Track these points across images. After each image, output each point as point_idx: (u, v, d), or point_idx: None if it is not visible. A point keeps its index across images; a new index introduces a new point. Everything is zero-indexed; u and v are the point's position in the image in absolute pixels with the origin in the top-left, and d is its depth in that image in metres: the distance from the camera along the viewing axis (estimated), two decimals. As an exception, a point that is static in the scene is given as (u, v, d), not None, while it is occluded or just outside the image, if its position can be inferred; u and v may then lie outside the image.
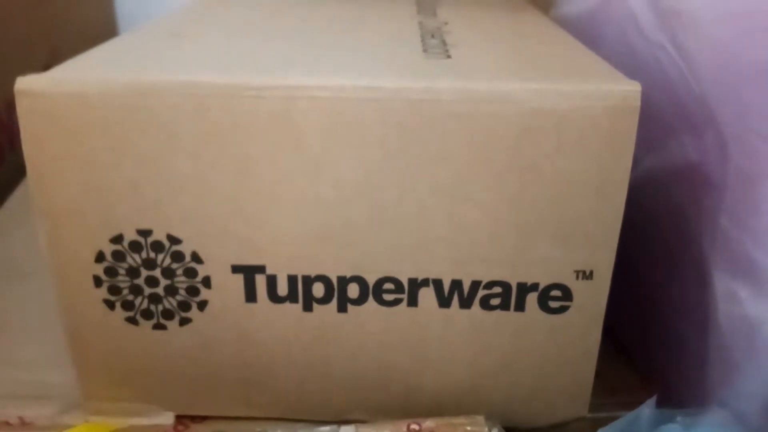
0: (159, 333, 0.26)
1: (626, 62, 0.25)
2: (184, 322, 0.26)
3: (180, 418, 0.28)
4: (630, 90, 0.22)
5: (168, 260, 0.25)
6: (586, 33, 0.32)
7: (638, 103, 0.22)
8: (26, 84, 0.22)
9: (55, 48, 0.51)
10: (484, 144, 0.23)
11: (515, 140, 0.23)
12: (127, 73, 0.23)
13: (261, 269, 0.25)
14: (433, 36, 0.30)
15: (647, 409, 0.24)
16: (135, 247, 0.24)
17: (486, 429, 0.25)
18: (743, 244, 0.23)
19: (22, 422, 0.27)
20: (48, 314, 0.32)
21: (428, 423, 0.26)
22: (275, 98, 0.23)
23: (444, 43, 0.29)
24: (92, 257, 0.25)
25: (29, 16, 0.48)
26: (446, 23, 0.33)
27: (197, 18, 0.33)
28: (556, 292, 0.25)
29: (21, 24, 0.47)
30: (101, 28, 0.61)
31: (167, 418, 0.28)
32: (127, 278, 0.25)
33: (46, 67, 0.23)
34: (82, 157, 0.23)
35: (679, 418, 0.23)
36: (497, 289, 0.25)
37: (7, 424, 0.27)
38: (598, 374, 0.27)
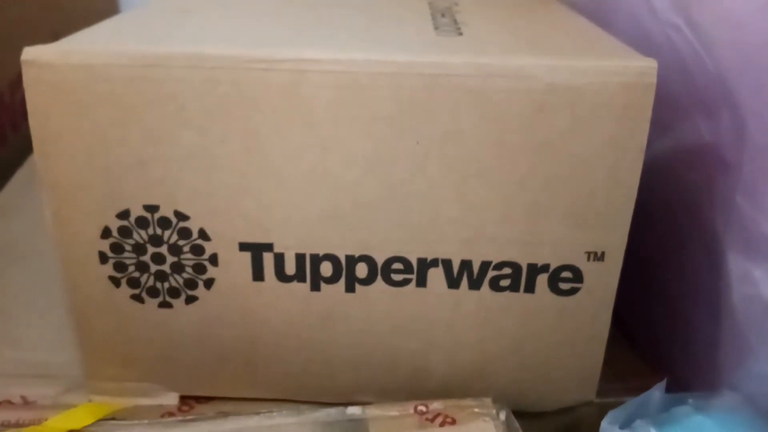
0: (165, 311, 0.26)
1: (638, 44, 0.25)
2: (190, 300, 0.25)
3: (184, 399, 0.27)
4: (646, 66, 0.22)
5: (175, 237, 0.24)
6: (595, 15, 0.32)
7: (654, 79, 0.22)
8: (33, 54, 0.22)
9: (57, 31, 0.50)
10: (496, 120, 0.23)
11: (529, 117, 0.22)
12: (134, 45, 0.23)
13: (269, 247, 0.25)
14: (443, 15, 0.30)
15: (657, 392, 0.24)
16: (142, 223, 0.24)
17: (494, 411, 0.25)
18: (759, 223, 0.22)
19: (25, 401, 0.27)
20: (50, 295, 0.32)
21: (435, 405, 0.25)
22: (285, 72, 0.22)
23: (455, 21, 0.28)
24: (98, 233, 0.24)
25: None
26: (456, 3, 0.33)
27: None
28: (566, 274, 0.25)
29: (23, 7, 0.47)
30: (103, 12, 0.60)
31: (171, 399, 0.27)
32: (133, 255, 0.25)
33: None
34: (88, 129, 0.23)
35: (690, 401, 0.23)
36: (507, 270, 0.25)
37: (10, 403, 0.27)
38: (605, 360, 0.27)
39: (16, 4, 0.46)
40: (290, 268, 0.25)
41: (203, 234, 0.24)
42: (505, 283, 0.25)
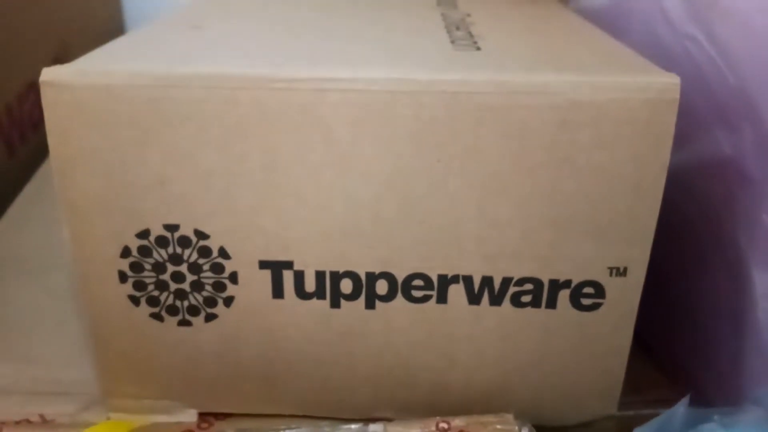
0: (184, 329, 0.26)
1: (653, 56, 0.25)
2: (209, 318, 0.25)
3: (203, 416, 0.27)
4: (669, 82, 0.22)
5: (195, 255, 0.24)
6: (608, 26, 0.32)
7: (677, 95, 0.22)
8: (52, 75, 0.22)
9: (65, 42, 0.50)
10: (518, 137, 0.22)
11: (551, 133, 0.22)
12: (154, 65, 0.23)
13: (288, 265, 0.24)
14: (458, 28, 0.29)
15: (681, 408, 0.23)
16: (161, 242, 0.24)
17: (516, 428, 0.25)
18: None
19: (44, 420, 0.27)
20: (65, 309, 0.32)
21: (457, 422, 0.25)
22: (305, 91, 0.22)
23: (471, 35, 0.28)
24: (118, 252, 0.24)
25: (38, 11, 0.48)
26: (469, 15, 0.32)
27: (217, 10, 0.33)
28: (588, 289, 0.25)
29: (30, 18, 0.47)
30: (109, 23, 0.60)
31: (190, 416, 0.27)
32: (152, 274, 0.24)
33: (55, 60, 0.23)
34: (108, 150, 0.23)
35: (716, 417, 0.22)
36: (528, 286, 0.25)
37: (29, 422, 0.27)
38: (623, 372, 0.27)
39: (22, 16, 0.46)
40: (310, 286, 0.25)
41: (223, 252, 0.24)
42: (526, 299, 0.25)
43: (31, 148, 0.47)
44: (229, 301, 0.25)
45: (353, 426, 0.25)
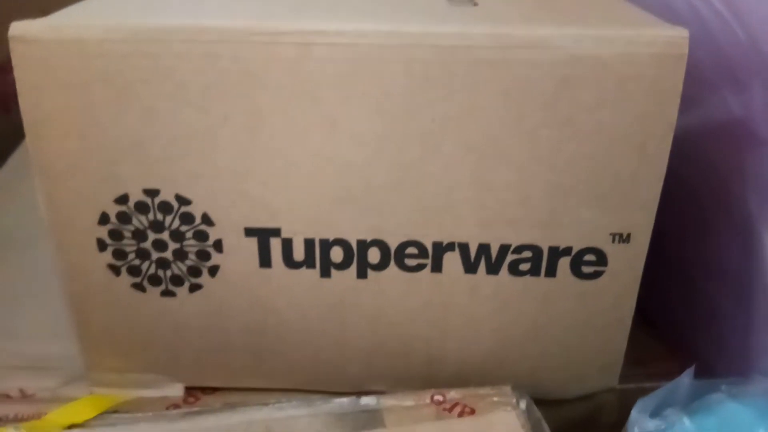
0: (167, 300, 0.24)
1: (657, 15, 0.24)
2: (194, 288, 0.24)
3: (190, 390, 0.27)
4: (677, 36, 0.21)
5: (177, 222, 0.23)
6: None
7: (686, 50, 0.21)
8: (21, 30, 0.21)
9: (45, 11, 0.49)
10: (518, 95, 0.21)
11: (552, 91, 0.21)
12: (129, 19, 0.21)
13: (276, 232, 0.23)
14: (454, -15, 0.28)
15: (686, 379, 0.22)
16: (141, 208, 0.23)
17: (514, 400, 0.24)
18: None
19: (24, 395, 0.26)
20: (47, 283, 0.31)
21: (453, 394, 0.24)
22: (289, 45, 0.21)
23: (467, -9, 0.27)
24: (95, 219, 0.23)
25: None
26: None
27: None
28: (590, 257, 0.24)
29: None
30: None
31: (176, 390, 0.26)
32: (133, 242, 0.23)
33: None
34: (82, 110, 0.21)
35: (723, 387, 0.22)
36: (527, 254, 0.24)
37: (8, 397, 0.26)
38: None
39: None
40: (299, 254, 0.24)
41: (206, 219, 0.23)
42: (524, 267, 0.24)
43: (16, 120, 0.46)
44: (214, 271, 0.24)
45: (345, 399, 0.24)
